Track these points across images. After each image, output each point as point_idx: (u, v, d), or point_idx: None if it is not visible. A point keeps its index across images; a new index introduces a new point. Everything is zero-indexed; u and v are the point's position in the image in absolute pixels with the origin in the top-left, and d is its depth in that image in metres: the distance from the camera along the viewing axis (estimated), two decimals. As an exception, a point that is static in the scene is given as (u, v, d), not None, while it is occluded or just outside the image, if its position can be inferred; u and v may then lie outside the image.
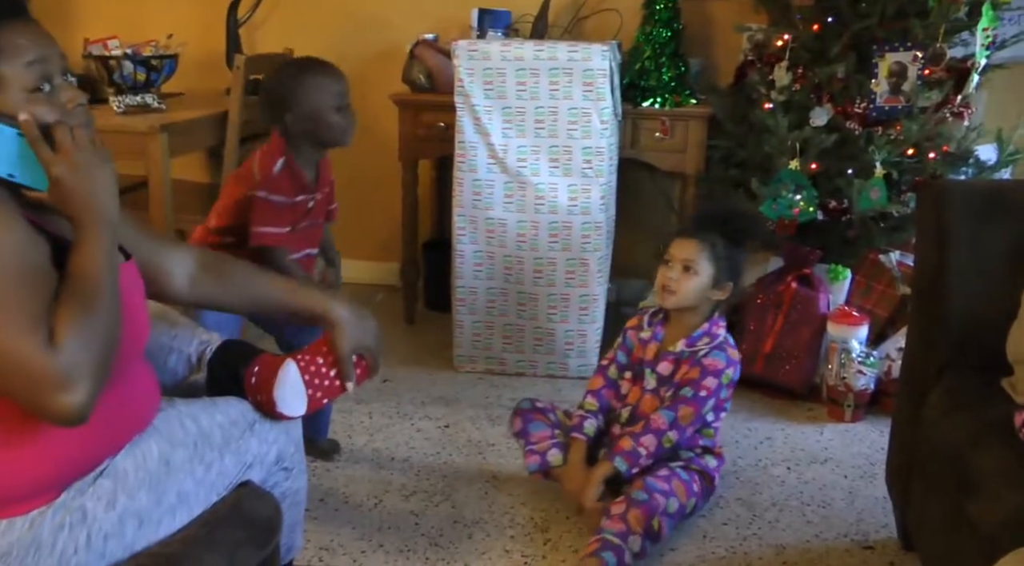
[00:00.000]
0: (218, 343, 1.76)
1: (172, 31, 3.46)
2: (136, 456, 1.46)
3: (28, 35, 1.37)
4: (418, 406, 3.04)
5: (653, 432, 2.28)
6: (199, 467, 1.52)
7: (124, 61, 3.14)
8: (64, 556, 1.36)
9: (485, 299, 3.25)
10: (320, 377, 1.69)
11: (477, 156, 3.13)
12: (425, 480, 2.60)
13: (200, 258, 1.73)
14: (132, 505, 1.42)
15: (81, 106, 1.42)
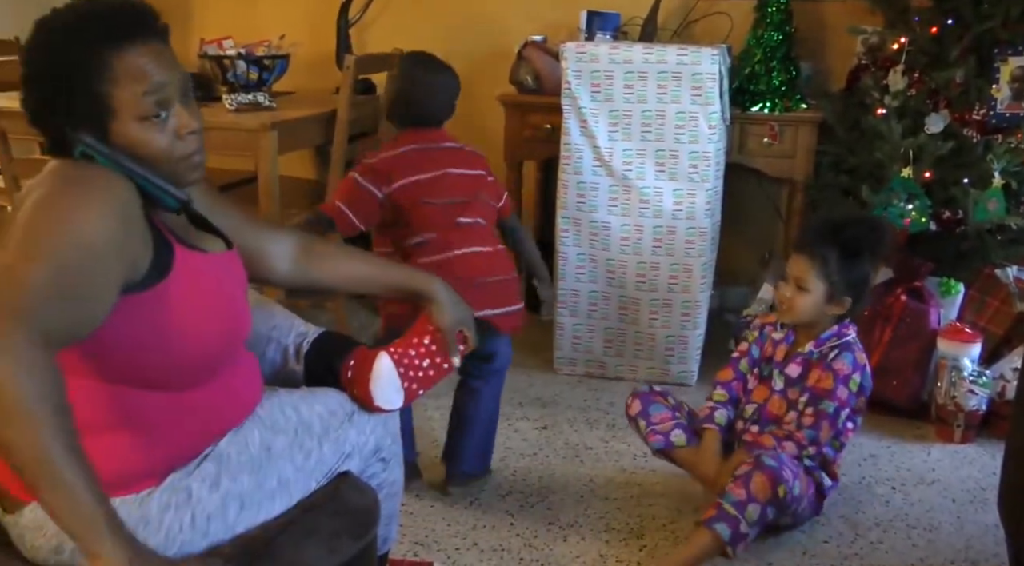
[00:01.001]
0: (315, 335, 1.79)
1: (284, 31, 3.52)
2: (239, 441, 1.49)
3: (149, 60, 1.34)
4: (516, 407, 3.04)
5: (796, 443, 2.26)
6: (299, 454, 1.55)
7: (238, 61, 3.20)
8: (170, 533, 1.40)
9: (587, 302, 3.23)
10: (414, 368, 1.71)
11: (582, 159, 3.12)
12: (521, 481, 2.59)
13: (299, 240, 1.77)
14: (234, 488, 1.46)
15: (193, 134, 1.40)
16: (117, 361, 1.35)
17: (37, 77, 1.35)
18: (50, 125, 1.37)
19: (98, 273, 1.26)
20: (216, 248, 1.54)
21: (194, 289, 1.40)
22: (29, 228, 1.25)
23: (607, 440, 2.83)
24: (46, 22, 1.36)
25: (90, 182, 1.31)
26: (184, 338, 1.38)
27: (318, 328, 1.81)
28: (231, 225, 1.65)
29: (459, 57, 4.03)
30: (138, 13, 1.38)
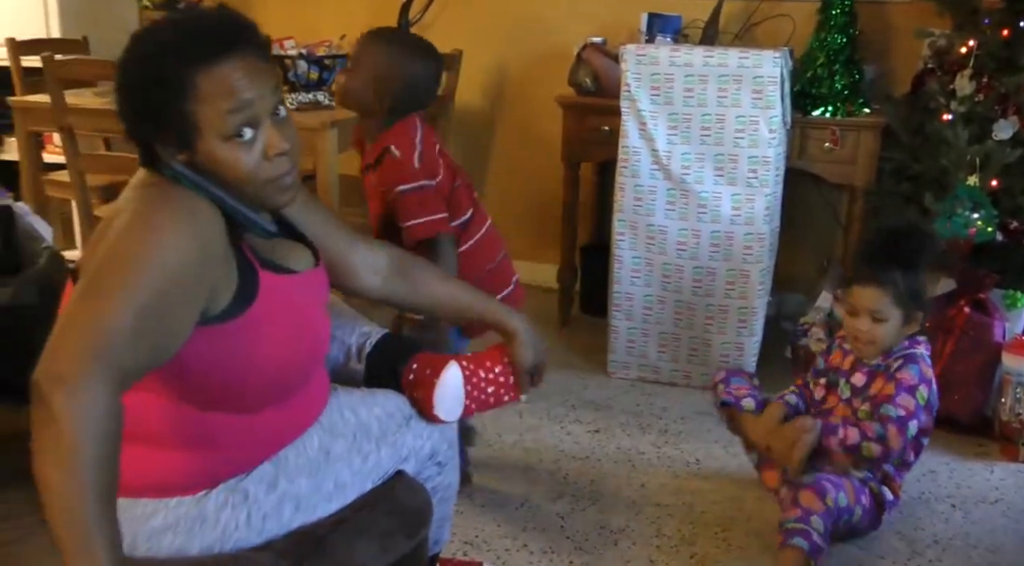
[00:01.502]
0: (378, 336, 1.79)
1: (345, 32, 3.55)
2: (298, 445, 1.50)
3: (239, 77, 1.30)
4: (569, 409, 3.03)
5: (860, 430, 2.18)
6: (356, 458, 1.55)
7: (299, 60, 3.25)
8: (226, 531, 1.41)
9: (642, 306, 3.21)
10: (479, 390, 1.71)
11: (640, 161, 3.10)
12: (573, 484, 2.58)
13: (390, 258, 1.75)
14: (291, 489, 1.46)
15: (283, 155, 1.35)
16: (190, 385, 1.35)
17: (128, 92, 1.34)
18: (140, 139, 1.37)
19: (178, 308, 1.26)
20: (303, 264, 1.52)
21: (277, 319, 1.39)
22: (112, 263, 1.24)
23: (660, 446, 2.81)
24: (141, 36, 1.34)
25: (174, 212, 1.29)
26: (262, 368, 1.38)
27: (381, 329, 1.81)
28: (320, 229, 1.64)
29: (517, 58, 4.06)
30: (234, 28, 1.34)
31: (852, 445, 2.16)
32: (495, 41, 4.01)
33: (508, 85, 4.12)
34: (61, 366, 1.14)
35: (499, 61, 4.08)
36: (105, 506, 1.14)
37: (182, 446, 1.39)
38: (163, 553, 1.38)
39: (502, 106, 4.16)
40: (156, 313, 1.22)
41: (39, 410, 1.14)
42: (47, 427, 1.13)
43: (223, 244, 1.34)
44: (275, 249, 1.47)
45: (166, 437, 1.38)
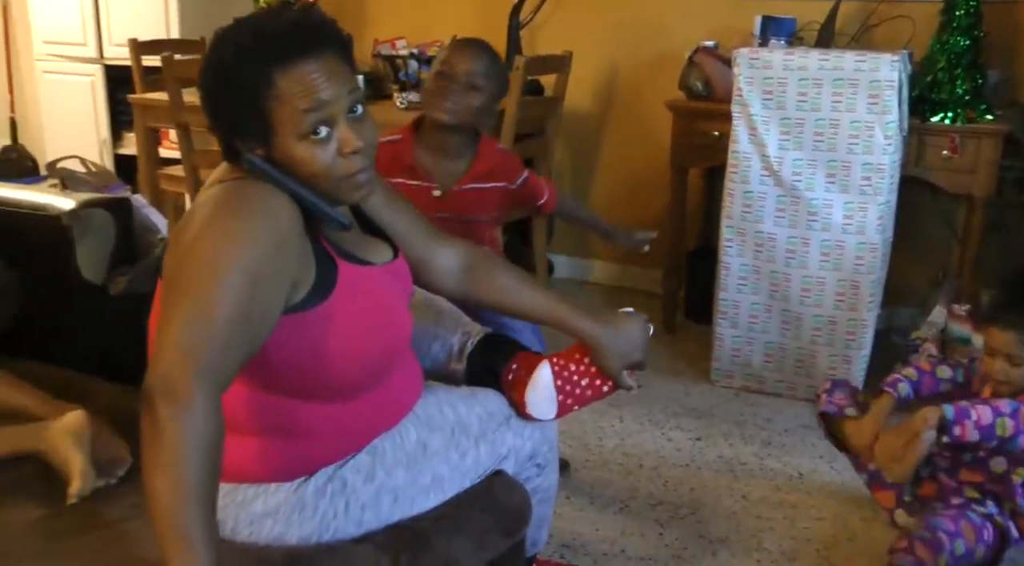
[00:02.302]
0: (480, 336, 1.79)
1: (456, 32, 3.57)
2: (395, 437, 1.51)
3: (317, 77, 1.32)
4: (670, 416, 2.99)
5: (992, 408, 1.97)
6: (454, 453, 1.55)
7: (409, 60, 3.28)
8: (324, 519, 1.43)
9: (748, 314, 3.15)
10: (572, 384, 1.68)
11: (750, 167, 3.05)
12: (673, 491, 2.55)
13: (467, 258, 1.74)
14: (389, 481, 1.47)
15: (357, 153, 1.36)
16: (275, 374, 1.37)
17: (209, 89, 1.37)
18: (221, 135, 1.40)
19: (264, 305, 1.28)
20: (382, 257, 1.53)
21: (356, 308, 1.40)
22: (196, 268, 1.25)
23: (762, 457, 2.75)
24: (223, 34, 1.36)
25: (252, 208, 1.31)
26: (343, 356, 1.39)
27: (483, 329, 1.81)
28: (400, 227, 1.65)
29: (628, 61, 4.04)
30: (314, 27, 1.36)
31: (985, 427, 1.95)
32: (606, 43, 3.99)
33: (617, 88, 4.10)
34: (168, 377, 1.17)
35: (609, 64, 4.06)
36: (206, 514, 1.17)
37: (272, 434, 1.41)
38: (263, 539, 1.41)
39: (611, 109, 4.14)
40: (246, 315, 1.24)
41: (147, 418, 1.17)
42: (154, 436, 1.16)
43: (300, 237, 1.35)
44: (354, 242, 1.49)
45: (255, 426, 1.40)
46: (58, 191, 2.36)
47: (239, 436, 1.37)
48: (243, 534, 1.41)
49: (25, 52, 5.37)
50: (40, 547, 1.43)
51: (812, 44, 3.38)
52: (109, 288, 2.09)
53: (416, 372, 1.61)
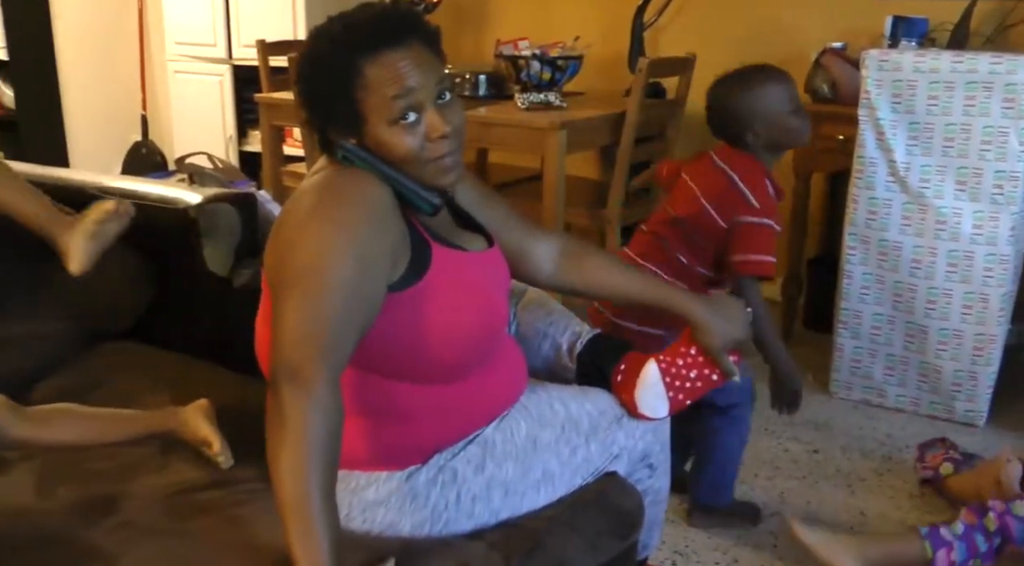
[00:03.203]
0: (590, 336, 1.78)
1: (579, 33, 3.57)
2: (505, 430, 1.52)
3: (404, 65, 1.36)
4: (787, 425, 2.92)
5: None
6: (564, 449, 1.55)
7: (532, 61, 3.27)
8: (436, 509, 1.44)
9: (870, 325, 3.06)
10: (681, 378, 1.67)
11: (876, 173, 2.96)
12: (788, 503, 2.49)
13: (564, 246, 1.75)
14: (499, 474, 1.48)
15: (444, 138, 1.40)
16: (373, 354, 1.39)
17: (303, 83, 1.42)
18: (315, 126, 1.44)
19: (371, 288, 1.33)
20: (476, 246, 1.56)
21: (451, 288, 1.42)
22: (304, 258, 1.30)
23: (882, 473, 2.66)
24: (316, 31, 1.42)
25: (350, 193, 1.36)
26: (439, 336, 1.41)
27: (593, 329, 1.80)
28: (496, 222, 1.67)
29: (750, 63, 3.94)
30: (400, 18, 1.40)
31: None
32: (730, 45, 3.91)
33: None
34: (292, 363, 1.23)
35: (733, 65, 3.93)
36: (327, 497, 1.21)
37: (374, 416, 1.44)
38: (376, 527, 1.44)
39: (733, 112, 4.06)
40: (358, 296, 1.30)
41: (273, 404, 1.23)
42: (278, 421, 1.21)
43: (397, 218, 1.40)
44: (448, 230, 1.52)
45: (358, 407, 1.42)
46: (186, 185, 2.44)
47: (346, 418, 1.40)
48: (356, 521, 1.44)
49: (158, 53, 5.57)
50: (165, 525, 1.48)
51: (944, 45, 3.26)
52: (233, 280, 2.15)
53: (520, 364, 1.62)
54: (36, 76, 5.40)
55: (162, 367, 2.06)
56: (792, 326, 3.61)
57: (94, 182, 2.39)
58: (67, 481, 1.62)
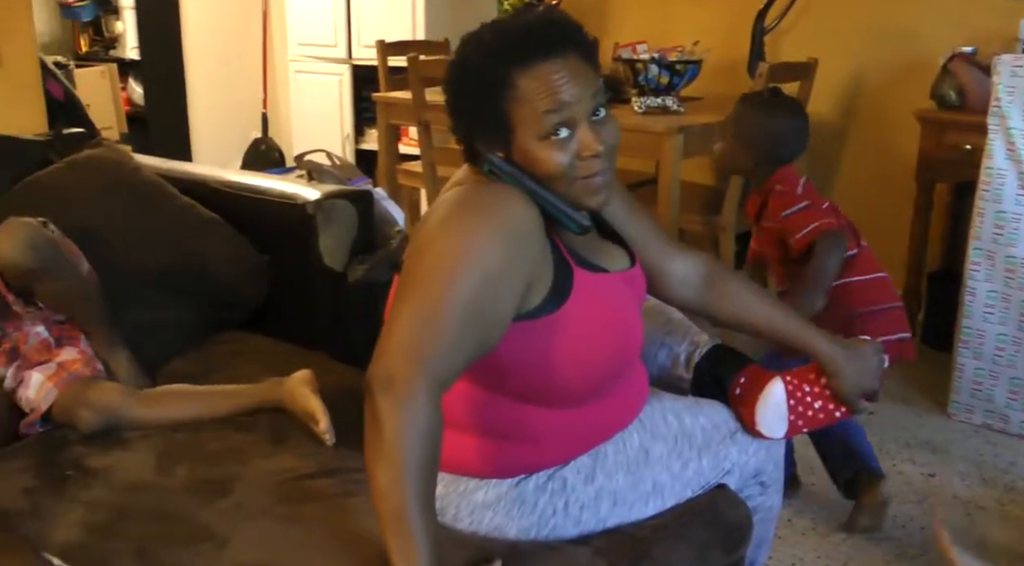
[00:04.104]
0: (708, 346, 1.75)
1: (698, 37, 3.52)
2: (617, 441, 1.49)
3: (558, 78, 1.30)
4: (902, 447, 2.82)
5: None
6: (676, 462, 1.52)
7: (650, 65, 3.25)
8: (543, 516, 1.43)
9: (993, 345, 2.93)
10: (804, 405, 1.62)
11: (1004, 185, 2.84)
12: (901, 528, 2.40)
13: (704, 268, 1.70)
14: (609, 484, 1.46)
15: (596, 157, 1.33)
16: (504, 377, 1.37)
17: (452, 90, 1.38)
18: (462, 135, 1.41)
19: (496, 308, 1.28)
20: (617, 264, 1.51)
21: (589, 317, 1.38)
22: (432, 265, 1.27)
23: (1004, 503, 2.54)
24: (468, 38, 1.37)
25: (491, 208, 1.31)
26: (573, 364, 1.38)
27: (712, 339, 1.76)
28: (639, 236, 1.62)
29: (876, 68, 3.85)
30: (558, 28, 1.34)
31: None
32: (851, 49, 3.82)
33: (863, 96, 3.92)
34: (391, 371, 1.20)
35: (855, 71, 3.89)
36: (424, 504, 1.19)
37: (495, 436, 1.42)
38: (483, 529, 1.43)
39: (855, 118, 3.96)
40: (476, 316, 1.25)
41: (369, 409, 1.21)
42: (375, 427, 1.20)
43: (540, 240, 1.34)
44: (590, 248, 1.47)
45: (479, 426, 1.41)
46: (305, 182, 2.48)
47: (462, 434, 1.40)
48: (464, 522, 1.43)
49: (280, 54, 5.72)
50: (274, 509, 1.52)
51: (1085, 52, 3.11)
52: (348, 276, 2.18)
53: (643, 381, 1.59)
54: (165, 76, 5.62)
55: (276, 357, 2.10)
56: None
57: (216, 176, 2.46)
58: (184, 461, 1.68)
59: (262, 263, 2.28)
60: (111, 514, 1.53)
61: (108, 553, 1.43)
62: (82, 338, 1.94)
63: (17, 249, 1.78)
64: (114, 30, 5.77)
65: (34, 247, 1.79)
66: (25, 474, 1.66)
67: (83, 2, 5.64)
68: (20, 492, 1.61)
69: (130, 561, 1.41)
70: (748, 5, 3.91)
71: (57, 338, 1.92)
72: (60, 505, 1.56)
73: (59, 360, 1.86)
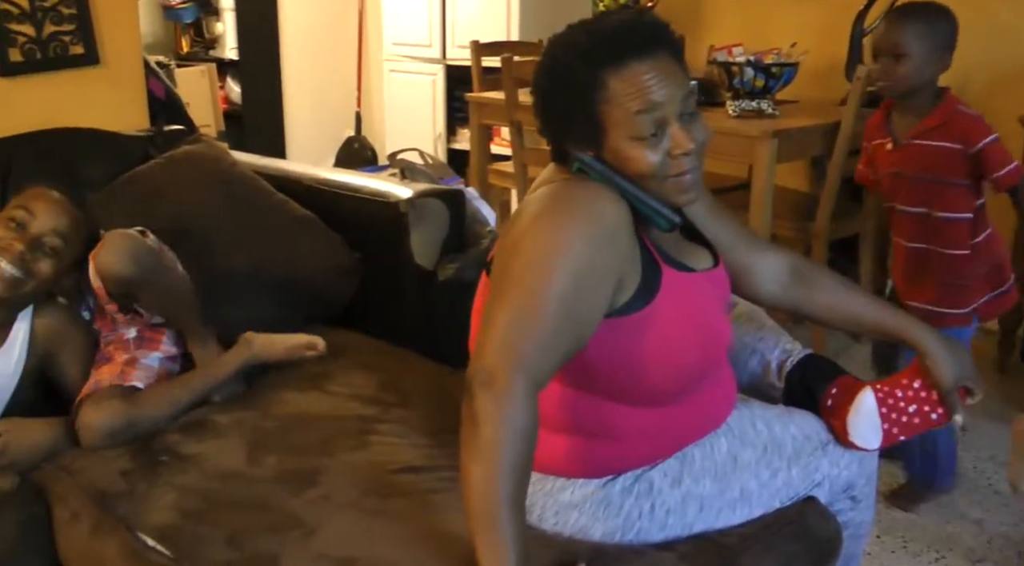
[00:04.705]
0: (800, 355, 1.71)
1: (796, 39, 3.46)
2: (705, 446, 1.48)
3: (649, 78, 1.30)
4: (999, 465, 2.73)
5: None
6: (765, 471, 1.50)
7: (745, 67, 3.20)
8: (629, 518, 1.42)
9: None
10: (898, 412, 1.58)
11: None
12: (997, 551, 2.32)
13: (792, 264, 1.67)
14: (696, 489, 1.44)
15: (687, 155, 1.34)
16: (591, 375, 1.37)
17: (542, 91, 1.39)
18: (551, 135, 1.41)
19: (589, 306, 1.29)
20: (703, 264, 1.50)
21: (677, 315, 1.38)
22: (525, 264, 1.28)
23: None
24: (557, 39, 1.38)
25: (582, 206, 1.31)
26: (660, 362, 1.37)
27: (805, 348, 1.73)
28: (723, 236, 1.61)
29: (980, 71, 3.73)
30: (647, 29, 1.34)
31: None
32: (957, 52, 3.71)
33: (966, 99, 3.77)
34: (489, 369, 1.21)
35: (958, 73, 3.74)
36: (515, 504, 1.20)
37: (582, 434, 1.42)
38: (568, 530, 1.43)
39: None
40: (571, 313, 1.26)
41: (467, 406, 1.22)
42: (472, 424, 1.21)
43: (630, 237, 1.34)
44: (676, 246, 1.46)
45: (566, 424, 1.41)
46: (397, 180, 2.50)
47: (550, 432, 1.39)
48: (549, 522, 1.43)
49: (375, 53, 5.79)
50: (361, 502, 1.54)
51: None
52: (438, 274, 2.19)
53: (731, 385, 1.57)
54: (262, 75, 5.73)
55: (363, 351, 2.13)
56: (1008, 358, 3.37)
57: (310, 174, 2.50)
58: (274, 451, 1.71)
59: (355, 260, 2.30)
60: (203, 500, 1.57)
61: (200, 537, 1.47)
62: (164, 340, 1.99)
63: (120, 262, 1.82)
64: (214, 31, 5.91)
65: (136, 259, 1.84)
66: (122, 458, 1.72)
67: (185, 4, 5.79)
68: (118, 474, 1.67)
69: (220, 546, 1.44)
70: (847, 6, 3.81)
71: (138, 339, 1.97)
72: (155, 489, 1.61)
73: (112, 363, 1.90)
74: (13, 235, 1.78)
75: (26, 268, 1.77)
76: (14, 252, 1.76)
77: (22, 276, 1.77)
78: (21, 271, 1.77)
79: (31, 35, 2.48)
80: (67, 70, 2.56)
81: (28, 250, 1.78)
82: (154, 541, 1.48)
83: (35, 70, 2.50)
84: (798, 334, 1.82)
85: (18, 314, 1.85)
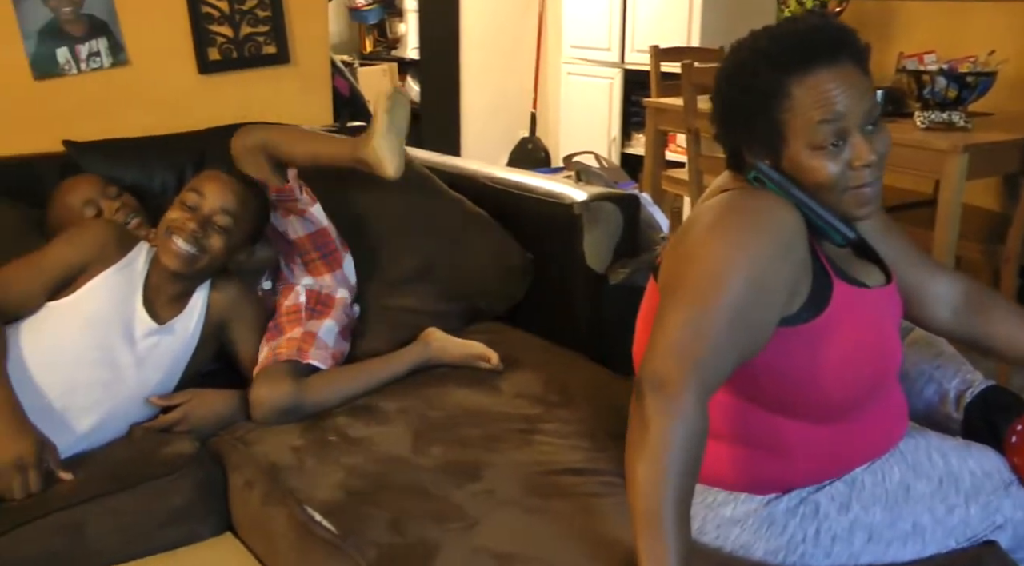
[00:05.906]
0: (982, 386, 1.63)
1: (994, 47, 3.29)
2: (876, 473, 1.43)
3: (833, 87, 1.29)
4: None
5: None
6: (940, 506, 1.43)
7: (937, 77, 3.06)
8: (792, 540, 1.39)
9: None
10: None
11: None
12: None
13: (967, 289, 1.61)
14: (865, 517, 1.40)
15: (868, 167, 1.31)
16: (759, 386, 1.36)
17: (723, 96, 1.38)
18: (728, 142, 1.40)
19: (763, 315, 1.28)
20: (875, 281, 1.46)
21: (848, 328, 1.35)
22: (701, 271, 1.28)
23: None
24: (741, 44, 1.37)
25: (759, 216, 1.31)
26: (829, 376, 1.34)
27: (987, 380, 1.64)
28: (896, 255, 1.56)
29: None
30: (833, 36, 1.32)
31: None
32: None
33: None
34: (661, 373, 1.22)
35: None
36: (680, 508, 1.19)
37: (749, 446, 1.40)
38: (728, 545, 1.41)
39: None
40: (745, 322, 1.25)
41: (636, 409, 1.23)
42: (641, 426, 1.21)
43: (804, 249, 1.33)
44: (848, 262, 1.43)
45: (733, 434, 1.40)
46: (572, 182, 2.52)
47: (716, 442, 1.37)
48: (709, 536, 1.42)
49: (554, 55, 5.84)
50: (522, 500, 1.55)
51: None
52: (609, 278, 2.19)
53: (902, 408, 1.51)
54: (441, 75, 5.88)
55: (527, 350, 2.15)
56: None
57: (485, 172, 2.53)
58: (439, 442, 1.75)
59: (526, 260, 2.33)
60: (369, 482, 1.62)
61: (364, 517, 1.52)
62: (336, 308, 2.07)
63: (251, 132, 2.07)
64: (397, 32, 6.09)
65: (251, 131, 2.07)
66: (292, 434, 1.80)
67: (371, 6, 5.98)
68: (289, 449, 1.75)
69: (383, 529, 1.48)
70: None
71: (310, 311, 2.05)
72: (323, 466, 1.67)
73: (288, 335, 1.98)
74: (187, 215, 1.88)
75: (199, 245, 1.87)
76: (188, 231, 1.87)
77: (196, 252, 1.87)
78: (195, 248, 1.87)
79: (229, 36, 2.63)
80: (260, 68, 2.70)
81: (200, 228, 1.88)
82: (321, 516, 1.53)
83: (230, 68, 2.65)
84: (979, 364, 1.72)
85: (197, 286, 1.96)
